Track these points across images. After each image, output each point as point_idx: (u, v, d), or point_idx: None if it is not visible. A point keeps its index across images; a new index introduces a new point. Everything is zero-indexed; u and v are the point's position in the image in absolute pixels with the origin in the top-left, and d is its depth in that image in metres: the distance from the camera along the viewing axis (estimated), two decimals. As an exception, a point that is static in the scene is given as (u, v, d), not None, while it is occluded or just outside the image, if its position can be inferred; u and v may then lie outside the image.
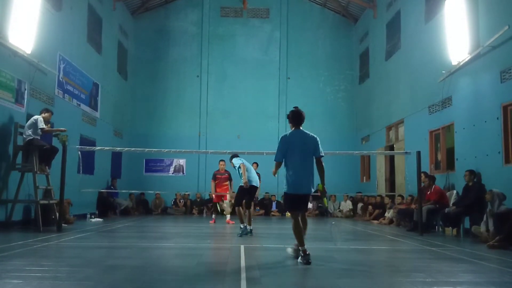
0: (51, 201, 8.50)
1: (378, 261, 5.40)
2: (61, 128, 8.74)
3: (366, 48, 16.19)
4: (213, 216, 11.70)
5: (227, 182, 11.37)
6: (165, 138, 16.24)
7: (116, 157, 15.32)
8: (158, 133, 16.54)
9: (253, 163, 11.09)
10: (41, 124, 8.19)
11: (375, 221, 12.01)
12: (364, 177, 16.18)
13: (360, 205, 14.32)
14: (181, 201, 15.52)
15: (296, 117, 5.21)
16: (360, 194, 14.92)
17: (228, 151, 10.10)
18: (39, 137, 8.28)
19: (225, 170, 11.44)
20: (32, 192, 8.30)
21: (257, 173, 10.94)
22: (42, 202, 8.21)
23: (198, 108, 17.06)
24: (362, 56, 16.62)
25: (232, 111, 17.10)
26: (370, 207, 13.19)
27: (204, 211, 15.22)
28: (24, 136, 8.25)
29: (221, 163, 11.46)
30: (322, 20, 17.87)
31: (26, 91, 9.03)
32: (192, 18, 17.71)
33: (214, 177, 11.39)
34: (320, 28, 17.81)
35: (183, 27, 17.64)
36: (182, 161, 16.84)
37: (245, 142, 15.83)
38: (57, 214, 8.17)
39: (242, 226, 7.98)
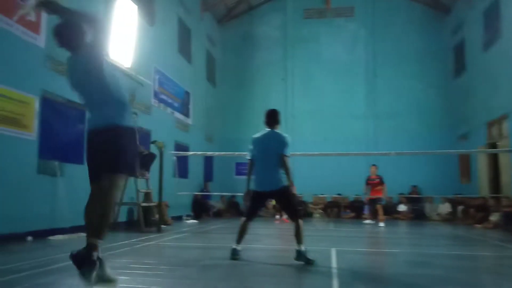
0: (151, 204, 9.11)
1: (482, 268, 5.00)
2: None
3: (460, 40, 15.10)
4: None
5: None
6: (253, 141, 16.56)
7: (208, 161, 15.98)
8: (246, 137, 16.74)
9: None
10: None
11: (478, 225, 11.11)
12: (464, 178, 15.06)
13: (460, 208, 13.33)
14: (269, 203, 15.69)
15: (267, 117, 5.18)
16: (459, 196, 13.91)
17: (315, 153, 10.08)
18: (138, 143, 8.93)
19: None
20: (134, 195, 8.94)
21: None
22: (143, 204, 8.83)
23: (284, 111, 17.14)
24: (457, 48, 15.52)
25: (318, 112, 16.96)
26: (472, 210, 12.24)
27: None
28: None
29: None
30: (410, 14, 17.02)
31: (126, 102, 9.79)
32: (276, 22, 17.91)
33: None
34: (408, 22, 16.97)
35: (267, 32, 17.91)
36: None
37: (332, 143, 15.60)
38: (157, 216, 8.73)
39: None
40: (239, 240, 4.96)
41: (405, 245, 7.76)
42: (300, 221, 4.80)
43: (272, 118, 5.14)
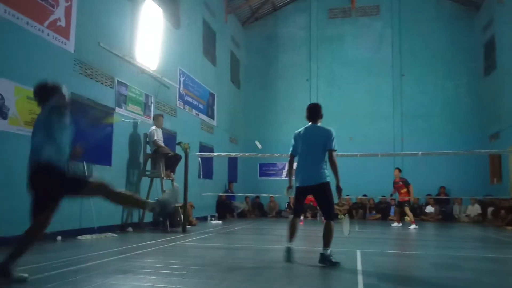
0: (176, 205, 9.21)
1: (514, 272, 4.84)
2: (168, 149, 9.16)
3: (491, 37, 14.70)
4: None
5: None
6: (277, 142, 16.46)
7: (232, 162, 16.06)
8: (270, 138, 16.88)
9: None
10: (153, 137, 8.91)
11: (509, 227, 10.79)
12: (495, 179, 14.65)
13: (490, 209, 12.98)
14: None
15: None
16: (489, 197, 13.54)
17: (340, 153, 9.97)
18: (163, 144, 9.05)
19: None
20: (160, 196, 9.05)
21: None
22: (168, 205, 8.93)
23: (309, 111, 17.04)
24: (487, 45, 15.12)
25: (344, 113, 16.79)
26: (502, 211, 11.89)
27: (318, 214, 15.14)
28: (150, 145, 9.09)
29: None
30: (438, 12, 16.69)
31: (152, 104, 9.96)
32: (300, 23, 17.85)
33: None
34: (436, 20, 16.65)
35: (292, 33, 17.87)
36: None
37: (357, 144, 15.42)
38: (182, 217, 8.84)
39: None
40: (290, 238, 4.96)
41: (432, 247, 7.61)
42: (332, 223, 4.73)
43: (315, 112, 5.15)
